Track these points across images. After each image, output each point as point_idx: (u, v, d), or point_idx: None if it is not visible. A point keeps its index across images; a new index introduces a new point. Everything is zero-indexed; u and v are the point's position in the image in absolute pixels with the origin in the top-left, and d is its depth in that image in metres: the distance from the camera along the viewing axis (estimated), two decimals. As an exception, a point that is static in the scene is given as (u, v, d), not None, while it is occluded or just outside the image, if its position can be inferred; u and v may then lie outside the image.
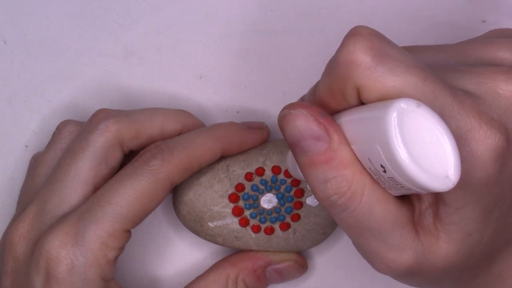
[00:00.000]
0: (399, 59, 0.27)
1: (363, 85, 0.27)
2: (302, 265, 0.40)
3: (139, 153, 0.36)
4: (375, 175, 0.28)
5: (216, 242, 0.39)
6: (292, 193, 0.39)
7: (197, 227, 0.38)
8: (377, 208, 0.28)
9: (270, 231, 0.38)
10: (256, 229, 0.38)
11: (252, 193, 0.38)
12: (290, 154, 0.35)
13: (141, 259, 0.42)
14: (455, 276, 0.31)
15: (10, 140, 0.43)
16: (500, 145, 0.27)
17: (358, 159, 0.28)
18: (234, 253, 0.39)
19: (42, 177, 0.38)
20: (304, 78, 0.43)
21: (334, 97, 0.29)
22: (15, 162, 0.43)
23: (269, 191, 0.38)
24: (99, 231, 0.34)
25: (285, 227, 0.38)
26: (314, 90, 0.31)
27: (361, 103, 0.28)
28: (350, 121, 0.28)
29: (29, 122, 0.43)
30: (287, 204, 0.39)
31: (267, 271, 0.39)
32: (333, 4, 0.43)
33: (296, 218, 0.39)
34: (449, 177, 0.25)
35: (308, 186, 0.38)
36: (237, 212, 0.38)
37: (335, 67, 0.28)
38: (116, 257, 0.35)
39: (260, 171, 0.38)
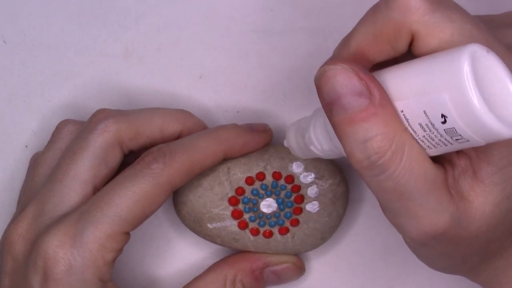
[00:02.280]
0: (454, 7, 0.26)
1: (419, 32, 0.26)
2: (299, 267, 0.40)
3: (141, 155, 0.36)
4: (423, 130, 0.27)
5: (215, 242, 0.39)
6: (292, 198, 0.38)
7: (196, 227, 0.38)
8: (416, 168, 0.27)
9: (268, 234, 0.38)
10: (255, 232, 0.38)
11: (252, 197, 0.38)
12: (292, 131, 0.34)
13: (140, 259, 0.42)
14: (482, 247, 0.30)
15: (10, 140, 0.43)
16: None
17: (398, 117, 0.27)
18: (233, 254, 0.39)
19: (41, 177, 0.38)
20: (304, 78, 0.43)
21: (378, 45, 0.28)
22: (15, 162, 0.43)
23: (269, 196, 0.38)
24: (98, 232, 0.34)
25: (284, 231, 0.38)
26: (348, 40, 0.29)
27: (407, 54, 0.27)
28: (399, 75, 0.27)
29: (29, 122, 0.43)
30: (286, 210, 0.38)
31: (264, 272, 0.39)
32: (333, 4, 0.43)
33: (295, 223, 0.38)
34: None
35: (308, 193, 0.38)
36: (236, 215, 0.38)
37: (385, 11, 0.27)
38: (114, 259, 0.35)
39: (260, 176, 0.38)
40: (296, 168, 0.38)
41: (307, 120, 0.33)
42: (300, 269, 0.40)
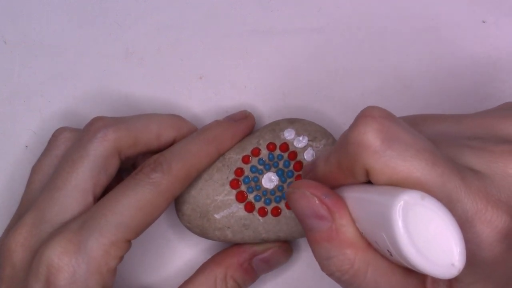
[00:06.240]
0: (409, 143, 0.27)
1: (371, 168, 0.27)
2: (285, 249, 0.40)
3: (139, 167, 0.36)
4: (381, 249, 0.28)
5: (225, 238, 0.39)
6: (291, 167, 0.39)
7: (203, 223, 0.38)
8: (383, 282, 0.29)
9: (276, 212, 0.38)
10: (263, 213, 0.38)
11: (252, 175, 0.39)
12: None
13: (139, 265, 0.42)
14: None
15: (10, 140, 0.43)
16: (505, 226, 0.27)
17: (362, 235, 0.29)
18: (219, 251, 0.39)
19: (38, 184, 0.38)
20: (304, 78, 0.43)
21: (343, 173, 0.29)
22: (15, 162, 0.43)
23: (268, 169, 0.39)
24: (102, 239, 0.34)
25: None
26: (328, 159, 0.31)
27: (370, 181, 0.28)
28: (357, 198, 0.29)
29: (29, 123, 0.43)
30: (288, 180, 0.39)
31: (253, 262, 0.39)
32: (333, 4, 0.43)
33: None
34: (454, 265, 0.26)
35: (305, 157, 0.38)
36: (240, 197, 0.38)
37: (345, 145, 0.28)
38: (116, 266, 0.35)
39: (255, 152, 0.39)
40: (288, 135, 0.39)
41: None
42: (286, 251, 0.40)
